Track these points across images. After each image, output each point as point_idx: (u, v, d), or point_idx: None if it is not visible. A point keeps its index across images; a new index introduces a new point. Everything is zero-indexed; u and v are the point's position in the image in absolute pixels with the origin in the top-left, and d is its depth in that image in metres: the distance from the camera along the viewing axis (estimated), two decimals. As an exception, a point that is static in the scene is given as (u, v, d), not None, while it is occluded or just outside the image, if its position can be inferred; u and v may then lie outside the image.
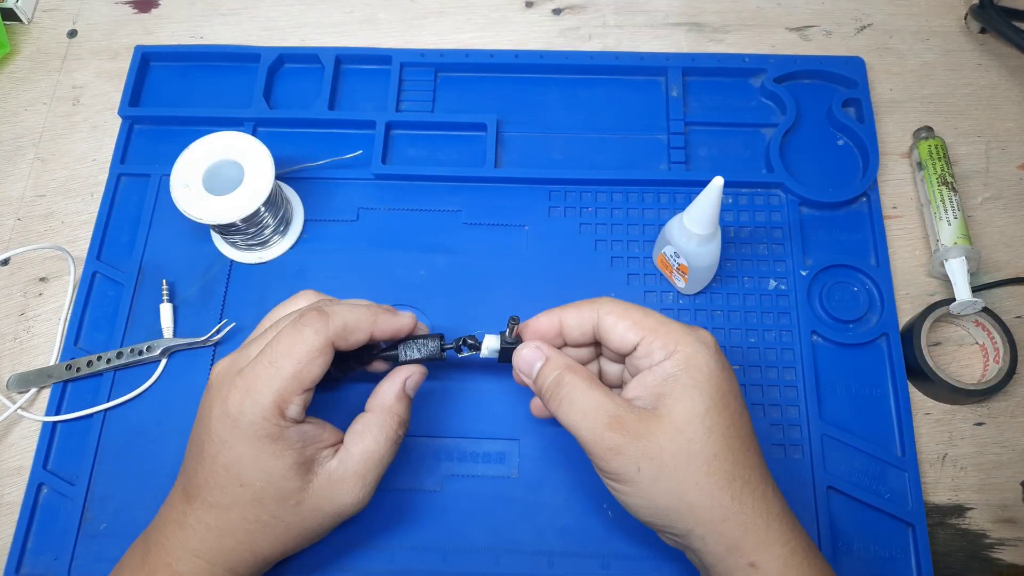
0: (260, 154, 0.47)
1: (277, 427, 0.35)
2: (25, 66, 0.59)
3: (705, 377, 0.35)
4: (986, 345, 0.48)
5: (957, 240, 0.48)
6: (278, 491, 0.36)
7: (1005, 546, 0.44)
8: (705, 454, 0.34)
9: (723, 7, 0.59)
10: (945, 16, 0.59)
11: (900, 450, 0.45)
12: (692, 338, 0.36)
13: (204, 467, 0.36)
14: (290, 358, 0.35)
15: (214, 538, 0.36)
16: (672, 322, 0.37)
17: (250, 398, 0.35)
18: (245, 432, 0.35)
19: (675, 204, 0.51)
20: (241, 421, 0.35)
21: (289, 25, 0.59)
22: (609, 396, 0.36)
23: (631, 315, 0.37)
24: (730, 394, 0.35)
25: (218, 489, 0.36)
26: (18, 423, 0.48)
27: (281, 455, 0.35)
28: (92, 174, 0.55)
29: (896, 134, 0.54)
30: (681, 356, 0.35)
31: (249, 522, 0.36)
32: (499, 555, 0.43)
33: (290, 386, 0.35)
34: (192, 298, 0.50)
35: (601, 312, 0.38)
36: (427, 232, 0.51)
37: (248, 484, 0.35)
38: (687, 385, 0.35)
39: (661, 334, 0.36)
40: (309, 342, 0.36)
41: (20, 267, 0.52)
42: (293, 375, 0.35)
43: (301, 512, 0.37)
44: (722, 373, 0.35)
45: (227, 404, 0.35)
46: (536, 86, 0.55)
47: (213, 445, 0.36)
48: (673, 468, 0.34)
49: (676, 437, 0.34)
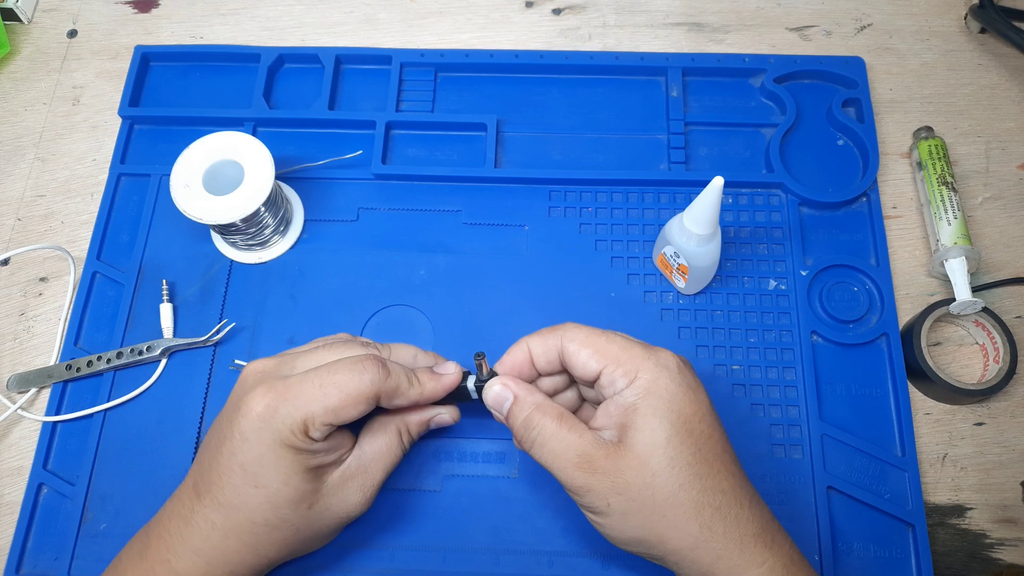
0: (260, 154, 0.47)
1: (301, 440, 0.35)
2: (25, 66, 0.59)
3: (665, 404, 0.34)
4: (986, 345, 0.48)
5: (957, 240, 0.48)
6: (294, 493, 0.36)
7: (1005, 546, 0.44)
8: (670, 486, 0.34)
9: (723, 7, 0.59)
10: (945, 16, 0.59)
11: (900, 450, 0.45)
12: (652, 363, 0.35)
13: (220, 464, 0.36)
14: (339, 390, 0.35)
15: (218, 538, 0.36)
16: (635, 346, 0.36)
17: (285, 406, 0.35)
18: (270, 435, 0.35)
19: (675, 204, 0.51)
20: (270, 424, 0.35)
21: (289, 25, 0.59)
22: (578, 432, 0.35)
23: (593, 342, 0.36)
24: (694, 417, 0.35)
25: (231, 488, 0.36)
26: (18, 423, 0.48)
27: (299, 461, 0.36)
28: (92, 174, 0.55)
29: (896, 134, 0.54)
30: (641, 383, 0.35)
31: (257, 525, 0.36)
32: (499, 555, 0.43)
33: (326, 415, 0.35)
34: (192, 298, 0.50)
35: (564, 339, 0.37)
36: (427, 232, 0.51)
37: (263, 486, 0.35)
38: (647, 415, 0.34)
39: (622, 361, 0.36)
40: (362, 387, 0.36)
41: (20, 267, 0.52)
42: (335, 407, 0.35)
43: (310, 514, 0.37)
44: (685, 396, 0.35)
45: (260, 404, 0.35)
46: (536, 86, 0.55)
47: (234, 442, 0.35)
48: (640, 503, 0.34)
49: (641, 472, 0.34)
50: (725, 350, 0.47)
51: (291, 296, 0.49)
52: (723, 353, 0.47)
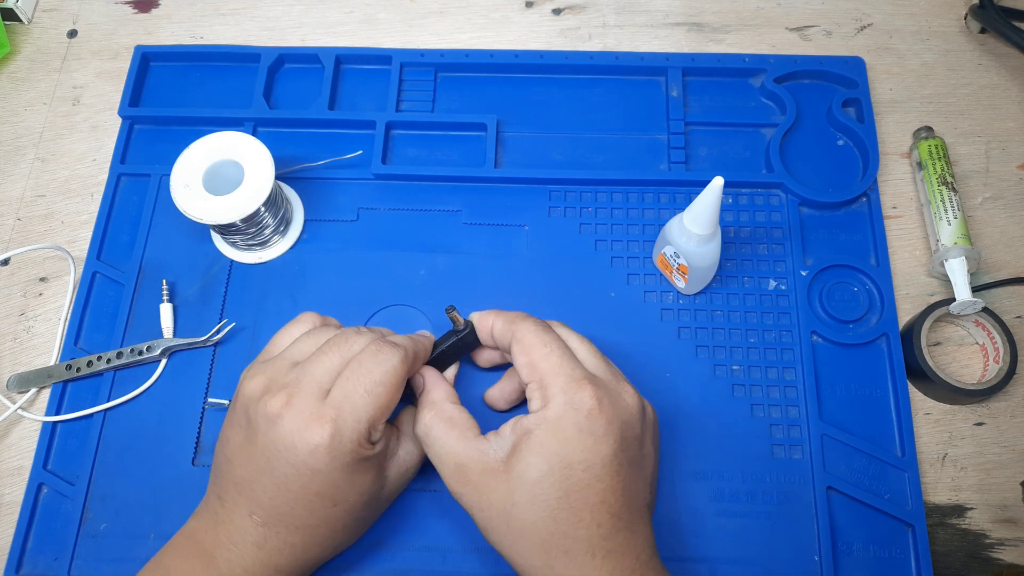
0: (260, 154, 0.47)
1: (368, 450, 0.36)
2: (25, 66, 0.59)
3: (556, 444, 0.35)
4: (986, 345, 0.48)
5: (957, 240, 0.48)
6: (369, 499, 0.38)
7: (1005, 546, 0.44)
8: (524, 520, 0.35)
9: (723, 7, 0.59)
10: (945, 16, 0.59)
11: (900, 450, 0.45)
12: (564, 398, 0.36)
13: (290, 496, 0.36)
14: (384, 388, 0.36)
15: (299, 553, 0.37)
16: (562, 370, 0.37)
17: (346, 427, 0.35)
18: (341, 460, 0.35)
19: (675, 204, 0.51)
20: (338, 450, 0.35)
21: (289, 25, 0.59)
22: (461, 441, 0.37)
23: (531, 353, 0.38)
24: (579, 465, 0.35)
25: (307, 512, 0.36)
26: (18, 423, 0.48)
27: (370, 470, 0.37)
28: (92, 174, 0.55)
29: (896, 134, 0.54)
30: (546, 414, 0.36)
31: (337, 532, 0.37)
32: (499, 555, 0.43)
33: (383, 415, 0.36)
34: (192, 298, 0.50)
35: (515, 336, 0.39)
36: (427, 232, 0.51)
37: (341, 502, 0.36)
38: (532, 447, 0.35)
39: (545, 384, 0.37)
40: (398, 373, 0.37)
41: (20, 267, 0.52)
42: (385, 405, 0.36)
43: (380, 501, 0.39)
44: (581, 442, 0.35)
45: (321, 436, 0.35)
46: (536, 86, 0.55)
47: (303, 477, 0.35)
48: (496, 524, 0.36)
49: (504, 498, 0.35)
50: (725, 350, 0.47)
51: (291, 296, 0.49)
52: (723, 353, 0.47)
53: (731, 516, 0.44)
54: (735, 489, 0.44)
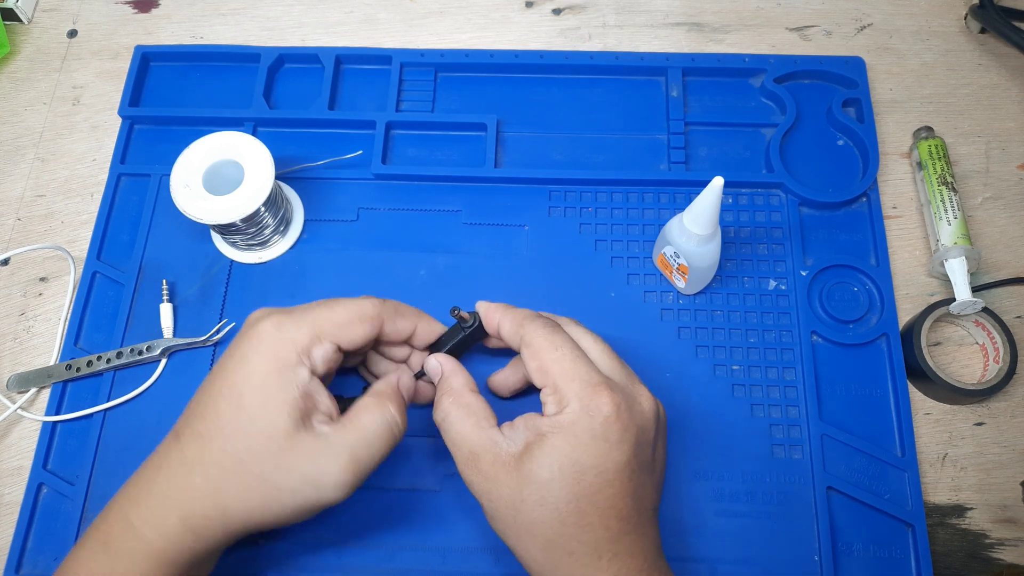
0: (260, 154, 0.47)
1: (296, 358, 0.36)
2: (25, 66, 0.59)
3: (569, 449, 0.35)
4: (986, 345, 0.48)
5: (957, 240, 0.48)
6: (272, 423, 0.35)
7: (1005, 546, 0.44)
8: (530, 517, 0.35)
9: (723, 7, 0.59)
10: (945, 16, 0.59)
11: (900, 450, 0.45)
12: (579, 405, 0.35)
13: (209, 394, 0.36)
14: (346, 309, 0.38)
15: (184, 474, 0.35)
16: (576, 374, 0.36)
17: (292, 320, 0.36)
18: (270, 352, 0.35)
19: (675, 204, 0.51)
20: (274, 338, 0.36)
21: (289, 25, 0.59)
22: (478, 431, 0.37)
23: (543, 358, 0.37)
24: (591, 470, 0.35)
25: (212, 415, 0.35)
26: (18, 423, 0.48)
27: (287, 387, 0.35)
28: (92, 174, 0.55)
29: (896, 134, 0.54)
30: (561, 419, 0.36)
31: (227, 455, 0.35)
32: (499, 555, 0.43)
33: (333, 328, 0.37)
34: (192, 298, 0.50)
35: (524, 340, 0.39)
36: (427, 232, 0.51)
37: (245, 408, 0.35)
38: (547, 451, 0.35)
39: (559, 389, 0.36)
40: (365, 307, 0.39)
41: (20, 267, 0.52)
42: (341, 322, 0.37)
43: (280, 464, 0.35)
44: (594, 448, 0.35)
45: (268, 323, 0.36)
46: (536, 86, 0.55)
47: (230, 365, 0.36)
48: (503, 516, 0.36)
49: (513, 494, 0.35)
50: (725, 350, 0.47)
51: (291, 296, 0.49)
52: (723, 353, 0.47)
53: (731, 516, 0.44)
54: (735, 489, 0.44)
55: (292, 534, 0.44)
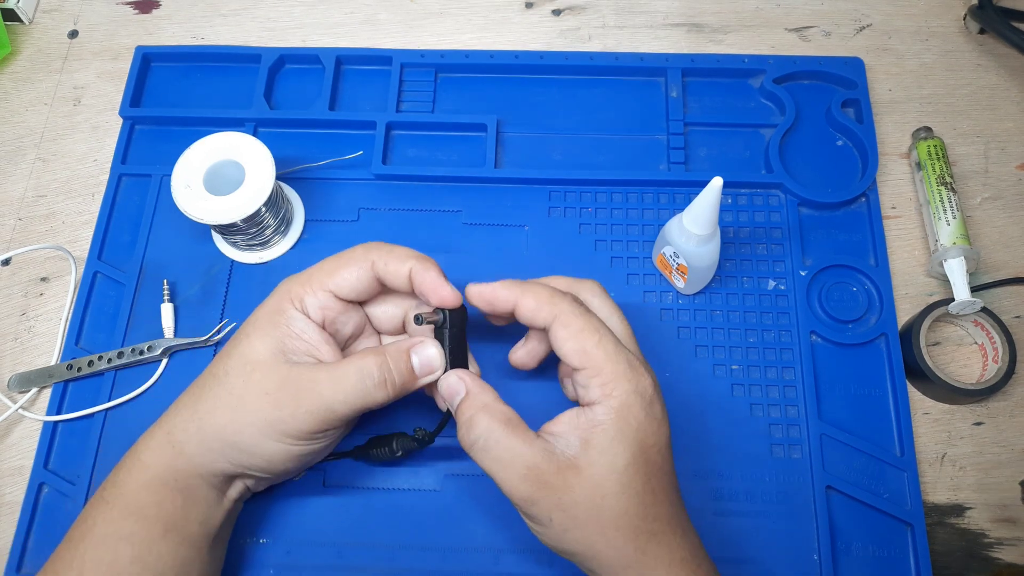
0: (261, 154, 0.47)
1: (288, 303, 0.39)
2: (26, 66, 0.59)
3: (632, 431, 0.35)
4: (985, 345, 0.48)
5: (956, 240, 0.48)
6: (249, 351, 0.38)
7: (1004, 546, 0.44)
8: (616, 509, 0.34)
9: (723, 8, 0.59)
10: (944, 16, 0.59)
11: (899, 450, 0.45)
12: (630, 386, 0.35)
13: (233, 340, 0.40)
14: (337, 256, 0.40)
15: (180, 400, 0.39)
16: (620, 357, 0.36)
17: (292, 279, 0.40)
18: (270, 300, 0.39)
19: (675, 204, 0.51)
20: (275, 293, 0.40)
21: (290, 26, 0.60)
22: (527, 443, 0.35)
23: (583, 341, 0.36)
24: (653, 448, 0.35)
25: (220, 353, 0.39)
26: (19, 423, 0.48)
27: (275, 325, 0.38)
28: (93, 174, 0.55)
29: (895, 134, 0.55)
30: (614, 404, 0.35)
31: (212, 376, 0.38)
32: (499, 555, 0.43)
33: (322, 277, 0.39)
34: (193, 298, 0.50)
35: (556, 323, 0.37)
36: (427, 232, 0.51)
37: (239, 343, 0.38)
38: (612, 438, 0.35)
39: (603, 373, 0.35)
40: (354, 251, 0.40)
41: (21, 267, 0.52)
42: (330, 269, 0.39)
43: (249, 383, 0.37)
44: (650, 427, 0.35)
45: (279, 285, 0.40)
46: (536, 86, 0.55)
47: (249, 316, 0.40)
48: (584, 521, 0.34)
49: (592, 492, 0.34)
50: (724, 350, 0.47)
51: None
52: (722, 353, 0.47)
53: (730, 516, 0.44)
54: (734, 489, 0.44)
55: (292, 533, 0.44)
